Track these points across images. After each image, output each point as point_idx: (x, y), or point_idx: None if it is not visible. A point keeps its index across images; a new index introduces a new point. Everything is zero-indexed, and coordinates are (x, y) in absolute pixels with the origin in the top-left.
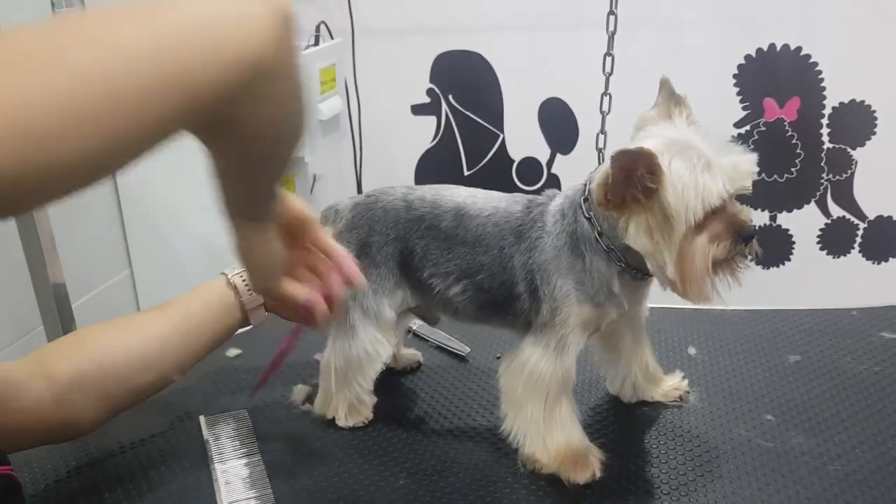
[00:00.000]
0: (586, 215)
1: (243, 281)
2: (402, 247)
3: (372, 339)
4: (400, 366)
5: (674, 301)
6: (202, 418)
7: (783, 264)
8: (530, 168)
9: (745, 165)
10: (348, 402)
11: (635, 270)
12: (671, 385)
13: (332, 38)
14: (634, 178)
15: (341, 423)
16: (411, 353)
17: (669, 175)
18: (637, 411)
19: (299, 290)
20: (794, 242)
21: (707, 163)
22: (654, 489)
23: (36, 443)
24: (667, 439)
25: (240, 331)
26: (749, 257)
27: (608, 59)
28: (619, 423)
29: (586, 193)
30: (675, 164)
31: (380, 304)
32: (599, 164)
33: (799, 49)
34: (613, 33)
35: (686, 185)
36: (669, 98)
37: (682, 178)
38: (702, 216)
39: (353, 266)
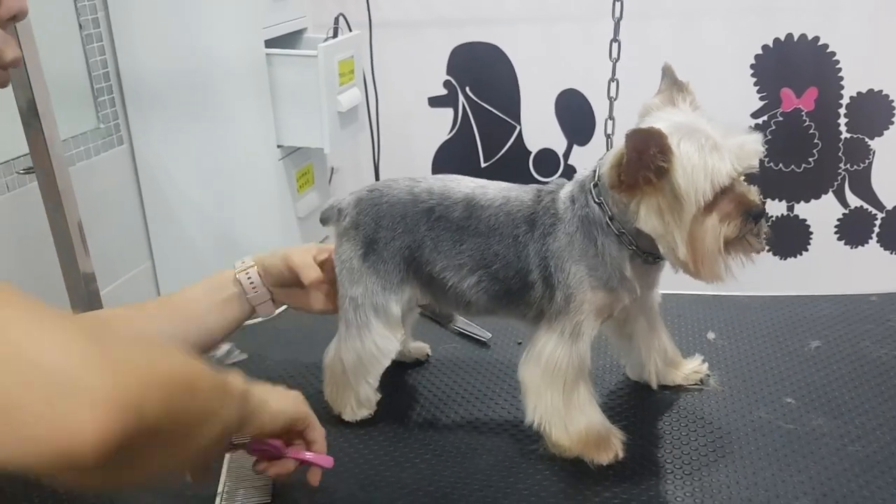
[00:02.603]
0: (596, 200)
1: (248, 278)
2: (411, 241)
3: (382, 336)
4: (409, 359)
5: (692, 287)
6: None
7: (800, 254)
8: (547, 159)
9: (751, 145)
10: (355, 399)
11: (646, 254)
12: (691, 368)
13: (350, 30)
14: (647, 157)
15: (347, 417)
16: (419, 347)
17: (679, 156)
18: (657, 395)
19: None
20: (811, 232)
21: (714, 144)
22: (677, 469)
23: None
24: (688, 421)
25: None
26: (761, 236)
27: (615, 46)
28: (640, 407)
29: (596, 179)
30: (684, 146)
31: (387, 300)
32: (608, 149)
33: (816, 39)
34: (619, 20)
35: (695, 165)
36: (672, 85)
37: (690, 159)
38: (711, 196)
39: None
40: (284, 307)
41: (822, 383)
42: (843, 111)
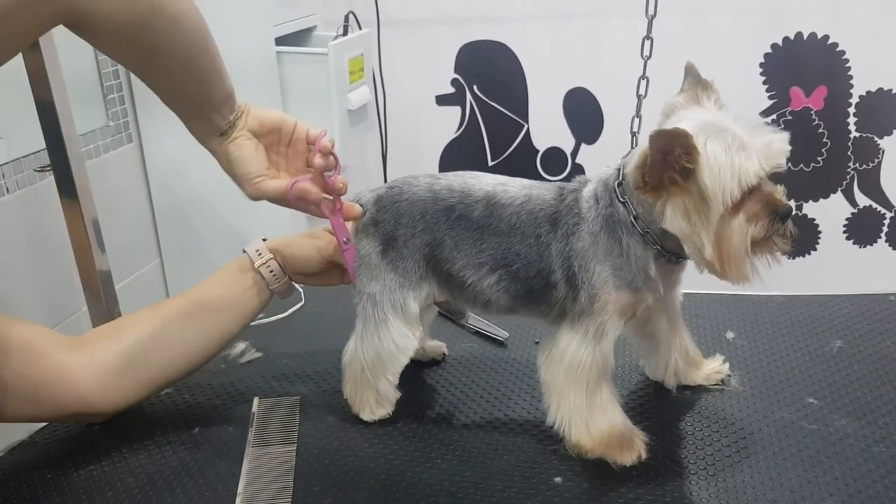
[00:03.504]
0: (621, 199)
1: (270, 271)
2: (431, 238)
3: (400, 333)
4: (426, 358)
5: (709, 286)
6: (256, 400)
7: (809, 254)
8: (555, 158)
9: (778, 144)
10: (374, 398)
11: (670, 254)
12: (712, 368)
13: (360, 28)
14: (671, 159)
15: (366, 417)
16: (436, 346)
17: (705, 156)
18: (678, 395)
19: (277, 183)
20: (820, 232)
21: (741, 143)
22: (701, 470)
23: (59, 420)
24: (710, 422)
25: None
26: (787, 236)
27: (647, 43)
28: (661, 407)
29: (620, 178)
30: (711, 146)
31: (406, 297)
32: (632, 147)
33: (826, 37)
34: (653, 17)
35: (722, 165)
36: (696, 83)
37: (717, 158)
38: (738, 196)
39: (325, 141)
40: (301, 304)
41: (843, 383)
42: (852, 110)
